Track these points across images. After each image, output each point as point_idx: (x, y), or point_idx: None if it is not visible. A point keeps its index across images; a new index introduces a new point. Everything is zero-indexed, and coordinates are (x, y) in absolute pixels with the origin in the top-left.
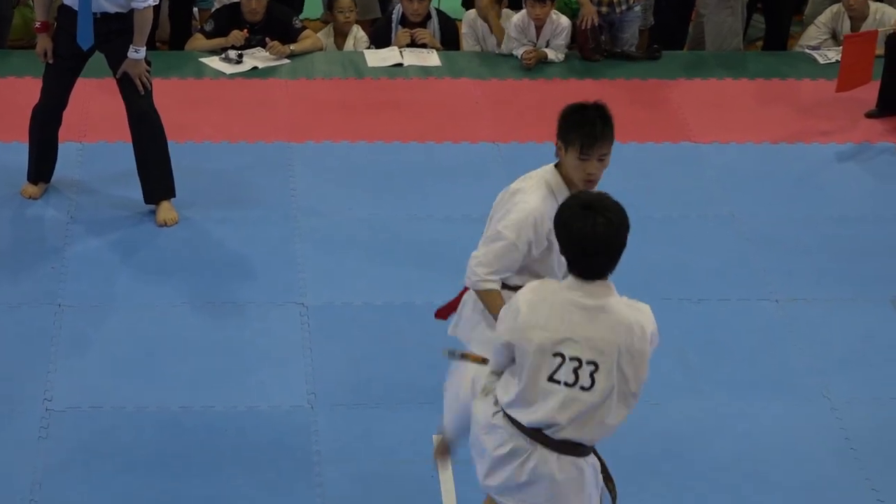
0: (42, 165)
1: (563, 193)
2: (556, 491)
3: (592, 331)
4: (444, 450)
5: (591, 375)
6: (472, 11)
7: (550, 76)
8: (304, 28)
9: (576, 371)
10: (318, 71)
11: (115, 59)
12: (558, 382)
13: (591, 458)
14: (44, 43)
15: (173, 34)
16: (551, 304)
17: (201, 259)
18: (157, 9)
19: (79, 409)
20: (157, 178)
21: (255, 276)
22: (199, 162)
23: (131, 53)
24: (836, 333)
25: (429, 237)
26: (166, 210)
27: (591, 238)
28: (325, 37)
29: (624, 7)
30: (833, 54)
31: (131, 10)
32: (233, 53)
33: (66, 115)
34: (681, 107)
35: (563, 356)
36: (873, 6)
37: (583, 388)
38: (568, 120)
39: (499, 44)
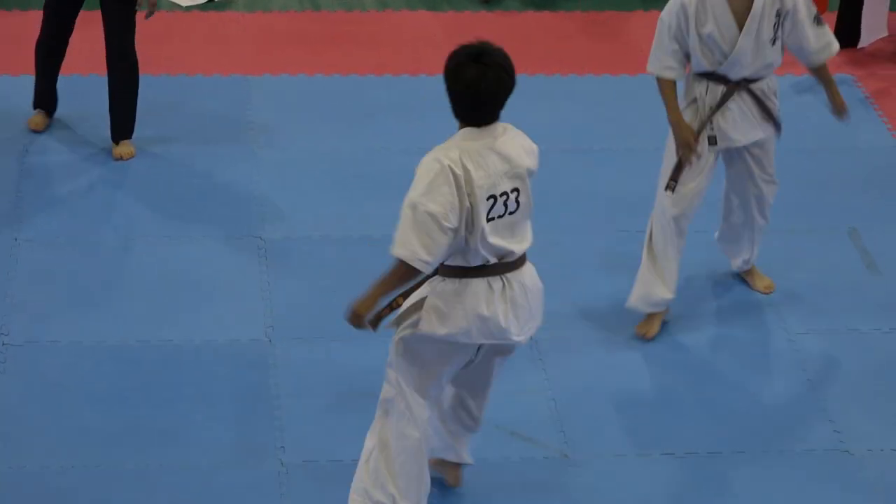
0: (47, 97)
1: None
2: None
3: (508, 164)
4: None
5: (517, 200)
6: None
7: (508, 8)
8: None
9: (505, 203)
10: (274, 3)
11: None
12: (492, 219)
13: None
14: None
15: None
16: (472, 158)
17: (159, 193)
18: None
19: (37, 343)
20: (126, 118)
21: (213, 210)
22: (155, 96)
23: None
24: (793, 265)
25: (386, 170)
26: (125, 145)
27: (484, 90)
28: None
29: None
30: None
31: None
32: None
33: None
34: (638, 39)
35: (495, 197)
36: None
37: (511, 213)
38: None
39: None
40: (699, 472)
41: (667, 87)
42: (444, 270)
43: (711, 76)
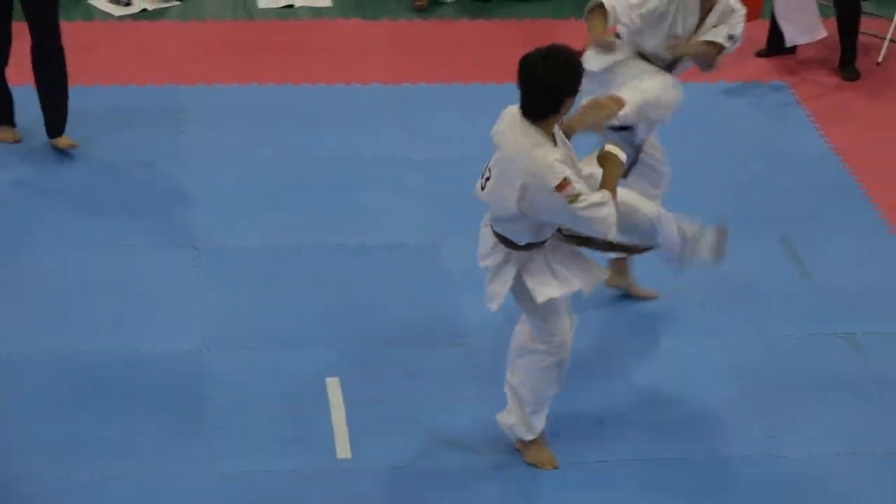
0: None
1: None
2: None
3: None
4: None
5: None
6: None
7: (442, 16)
8: None
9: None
10: (208, 13)
11: None
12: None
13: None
14: None
15: None
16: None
17: (94, 203)
18: None
19: None
20: (63, 113)
21: (148, 220)
22: (88, 105)
23: None
24: (726, 269)
25: (320, 179)
26: (64, 140)
27: (528, 79)
28: None
29: None
30: None
31: None
32: None
33: None
34: (573, 46)
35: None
36: None
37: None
38: None
39: None
40: (635, 479)
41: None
42: None
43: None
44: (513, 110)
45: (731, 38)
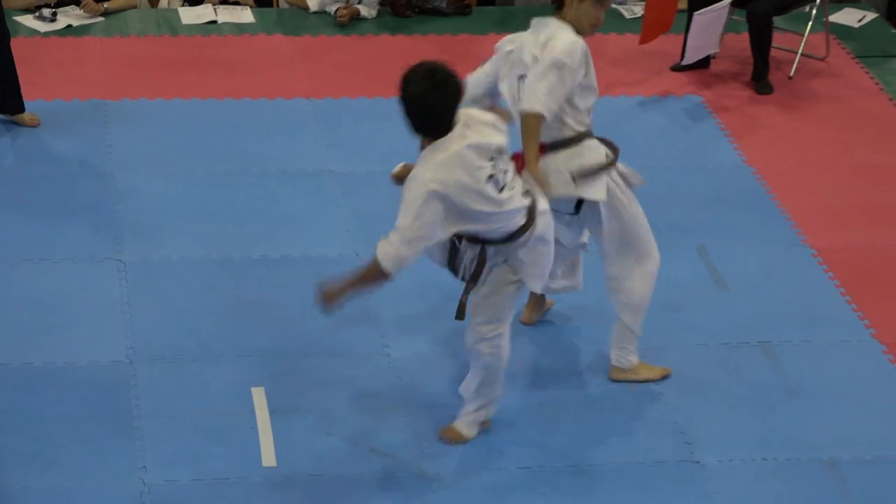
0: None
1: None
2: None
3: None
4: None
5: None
6: None
7: (363, 32)
8: None
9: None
10: (132, 29)
11: None
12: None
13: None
14: None
15: None
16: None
17: (18, 216)
18: None
19: None
20: (16, 88)
21: (73, 233)
22: (11, 121)
23: None
24: None
25: (245, 192)
26: (29, 117)
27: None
28: None
29: None
30: (638, 9)
31: None
32: (46, 11)
33: None
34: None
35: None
36: None
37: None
38: None
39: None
40: (554, 484)
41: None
42: None
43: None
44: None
45: None
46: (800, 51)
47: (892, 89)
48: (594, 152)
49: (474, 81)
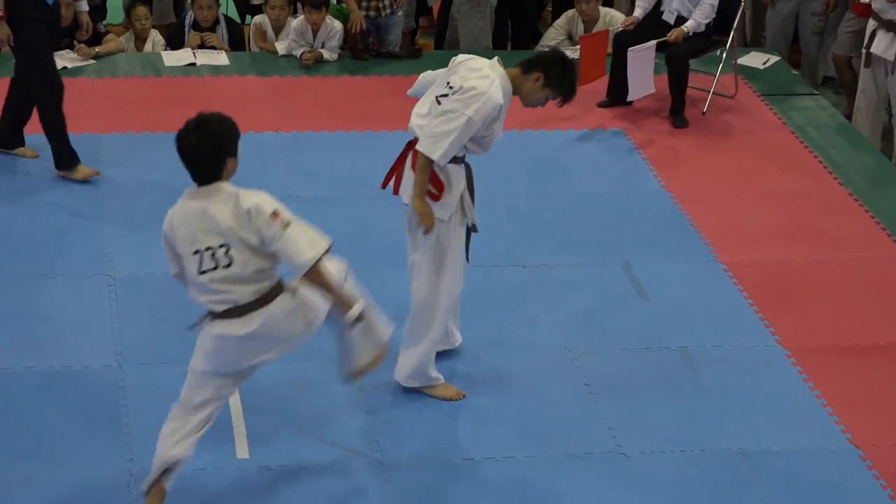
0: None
1: (508, 98)
2: (247, 344)
3: (210, 222)
4: None
5: (227, 254)
6: (259, 16)
7: (326, 73)
8: (107, 32)
9: (213, 256)
10: (120, 70)
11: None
12: (205, 272)
13: (273, 306)
14: (3, 30)
15: None
16: (181, 215)
17: (17, 236)
18: None
19: None
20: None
21: (67, 251)
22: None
23: (82, 6)
24: (575, 293)
25: None
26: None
27: (188, 153)
28: (126, 40)
29: (388, 11)
30: (570, 53)
31: None
32: None
33: None
34: None
35: (199, 251)
36: (603, 11)
37: (225, 267)
38: (559, 71)
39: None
40: (497, 474)
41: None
42: None
43: (459, 159)
44: (175, 211)
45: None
46: (712, 90)
47: (794, 123)
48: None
49: (422, 80)
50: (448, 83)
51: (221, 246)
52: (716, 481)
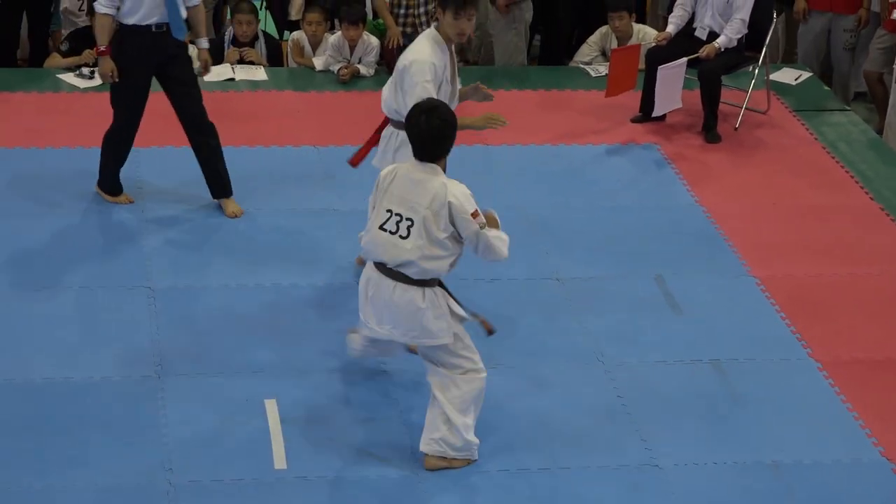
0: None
1: (443, 46)
2: (396, 311)
3: (413, 196)
4: None
5: (408, 228)
6: (297, 32)
7: (362, 88)
8: None
9: (397, 224)
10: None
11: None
12: (385, 231)
13: (430, 290)
14: (109, 64)
15: (32, 53)
16: (397, 175)
17: (59, 249)
18: (16, 29)
19: None
20: (225, 178)
21: (108, 263)
22: (58, 165)
23: (202, 44)
24: (608, 305)
25: (258, 228)
26: (232, 202)
27: (425, 133)
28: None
29: (424, 27)
30: (603, 69)
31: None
32: (86, 70)
33: None
34: (473, 114)
35: (391, 212)
36: (636, 27)
37: (401, 237)
38: None
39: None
40: (530, 486)
41: None
42: None
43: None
44: (402, 167)
45: None
46: (744, 105)
47: (826, 139)
48: None
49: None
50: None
51: (408, 220)
52: (748, 493)
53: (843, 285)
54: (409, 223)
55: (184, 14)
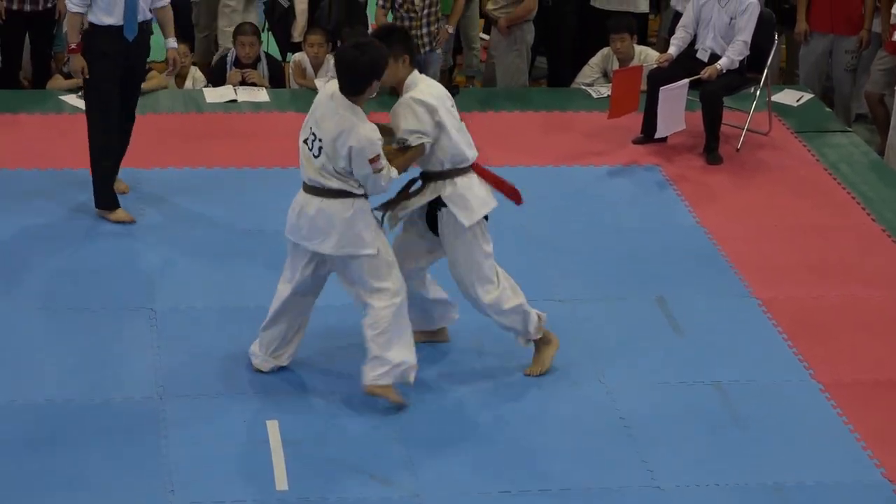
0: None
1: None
2: (326, 222)
3: (326, 123)
4: None
5: (319, 149)
6: (299, 54)
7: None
8: (150, 70)
9: (312, 142)
10: (162, 106)
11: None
12: (306, 146)
13: (358, 200)
14: (80, 61)
15: (35, 74)
16: (322, 103)
17: (60, 270)
18: (20, 51)
19: None
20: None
21: (110, 284)
22: (58, 186)
23: (171, 44)
24: (609, 327)
25: (260, 249)
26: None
27: (349, 65)
28: (168, 77)
29: (427, 49)
30: (605, 90)
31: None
32: None
33: None
34: (476, 136)
35: (311, 129)
36: (638, 48)
37: (314, 156)
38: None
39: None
40: None
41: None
42: None
43: None
44: (333, 91)
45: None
46: (746, 126)
47: (827, 160)
48: None
49: None
50: None
51: (320, 140)
52: None
53: (844, 306)
54: (321, 144)
55: (148, 15)
